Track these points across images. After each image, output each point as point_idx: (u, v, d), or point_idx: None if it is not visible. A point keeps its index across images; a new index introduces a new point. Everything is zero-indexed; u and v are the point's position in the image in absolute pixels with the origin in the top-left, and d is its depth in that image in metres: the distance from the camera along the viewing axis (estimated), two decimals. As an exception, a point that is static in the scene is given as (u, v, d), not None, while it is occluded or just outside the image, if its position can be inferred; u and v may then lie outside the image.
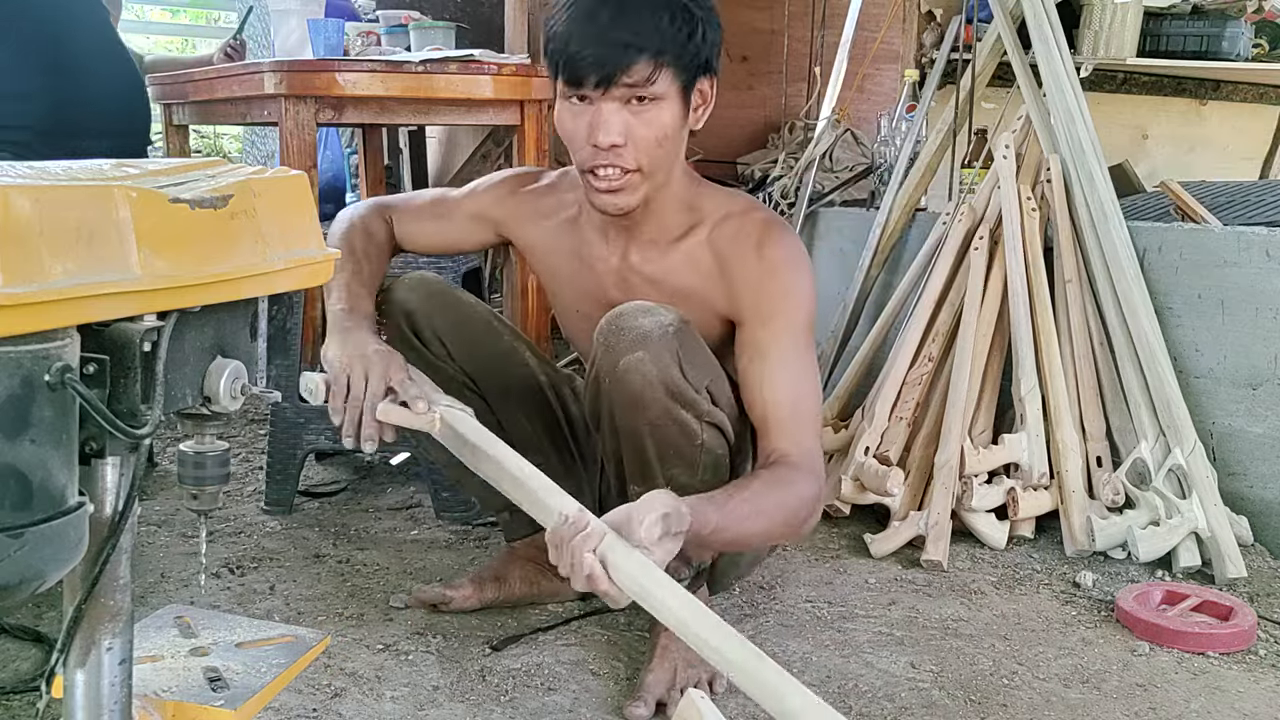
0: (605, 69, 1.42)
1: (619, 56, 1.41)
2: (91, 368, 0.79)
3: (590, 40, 1.42)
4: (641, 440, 1.46)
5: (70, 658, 0.88)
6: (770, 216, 1.60)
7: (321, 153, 3.60)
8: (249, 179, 0.91)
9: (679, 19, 1.43)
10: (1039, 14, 2.49)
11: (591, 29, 1.42)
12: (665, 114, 1.45)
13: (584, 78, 1.43)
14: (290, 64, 2.42)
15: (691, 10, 1.45)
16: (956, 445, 2.18)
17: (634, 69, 1.41)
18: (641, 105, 1.44)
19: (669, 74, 1.43)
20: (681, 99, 1.47)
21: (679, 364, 1.42)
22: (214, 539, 2.10)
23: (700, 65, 1.47)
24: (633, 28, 1.41)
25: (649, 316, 1.44)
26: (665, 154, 1.48)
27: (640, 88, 1.42)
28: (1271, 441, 2.14)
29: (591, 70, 1.42)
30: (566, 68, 1.44)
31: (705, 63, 1.48)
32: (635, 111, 1.44)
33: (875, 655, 1.69)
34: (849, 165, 3.14)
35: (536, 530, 1.84)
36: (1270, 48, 3.60)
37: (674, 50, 1.43)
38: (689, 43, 1.44)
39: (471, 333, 1.72)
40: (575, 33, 1.43)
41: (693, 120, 1.51)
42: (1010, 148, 2.49)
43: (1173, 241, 2.28)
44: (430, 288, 1.71)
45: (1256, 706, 1.56)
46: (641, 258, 1.59)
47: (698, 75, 1.47)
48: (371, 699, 1.51)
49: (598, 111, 1.44)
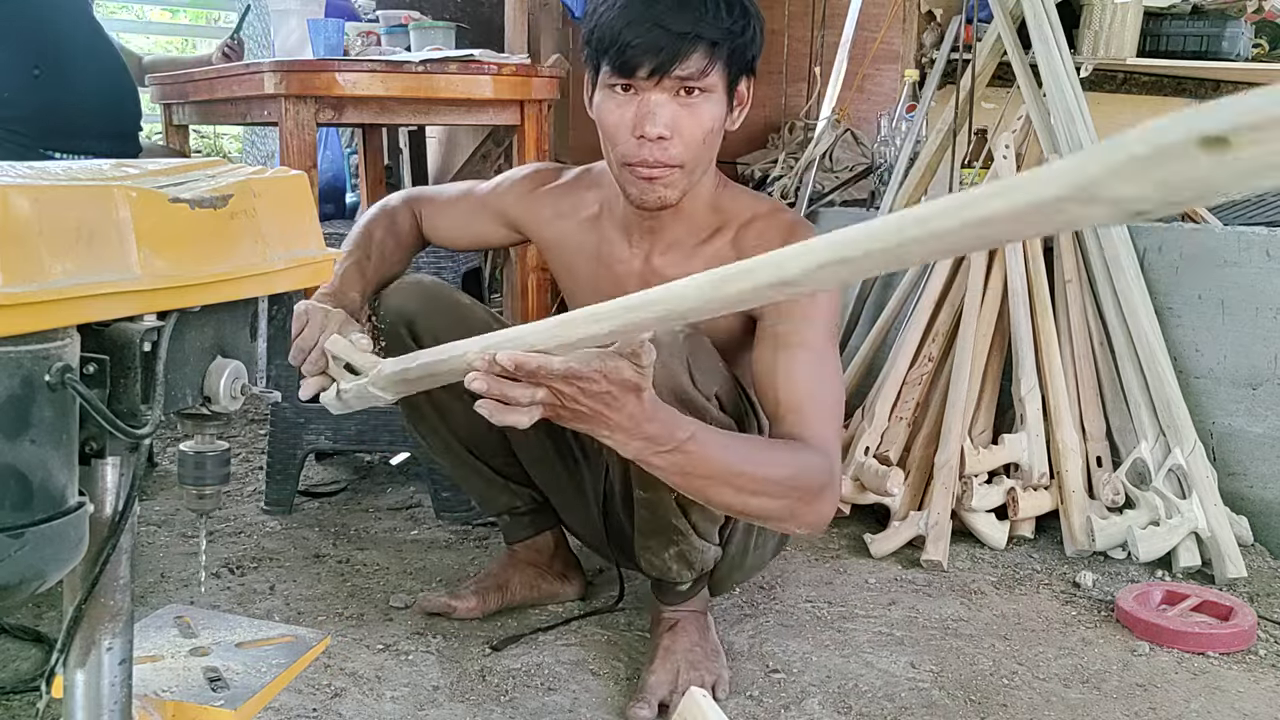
0: (661, 57, 1.39)
1: (677, 45, 1.38)
2: (91, 368, 0.79)
3: (647, 28, 1.39)
4: None
5: (70, 658, 0.87)
6: (796, 219, 1.59)
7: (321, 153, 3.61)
8: (249, 179, 0.91)
9: (736, 12, 1.41)
10: (1039, 14, 2.49)
11: (649, 16, 1.39)
12: (713, 109, 1.44)
13: (637, 66, 1.40)
14: (290, 64, 2.42)
15: (747, 6, 1.44)
16: (956, 445, 2.18)
17: (691, 59, 1.39)
18: (691, 97, 1.42)
19: (720, 68, 1.42)
20: (727, 95, 1.45)
21: (688, 370, 1.40)
22: (214, 539, 2.10)
23: (747, 63, 1.46)
24: (694, 16, 1.39)
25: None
26: (707, 150, 1.47)
27: (694, 79, 1.40)
28: (1271, 441, 2.14)
29: (646, 58, 1.39)
30: (618, 55, 1.41)
31: (751, 61, 1.46)
32: (684, 104, 1.42)
33: (875, 655, 1.69)
34: (849, 165, 3.14)
35: (537, 533, 1.84)
36: (1270, 48, 3.60)
37: (729, 43, 1.41)
38: (741, 37, 1.42)
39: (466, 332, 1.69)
40: (630, 19, 1.40)
41: (730, 121, 1.49)
42: (1010, 148, 2.49)
43: (1173, 241, 2.28)
44: (428, 292, 1.70)
45: (1256, 706, 1.56)
46: (665, 260, 1.56)
47: (743, 73, 1.46)
48: (371, 699, 1.51)
49: (644, 102, 1.42)
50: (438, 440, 1.75)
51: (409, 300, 1.68)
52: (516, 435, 1.70)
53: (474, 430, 1.70)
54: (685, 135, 1.43)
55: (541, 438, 1.74)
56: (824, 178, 3.10)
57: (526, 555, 1.82)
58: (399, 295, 1.69)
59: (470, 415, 1.69)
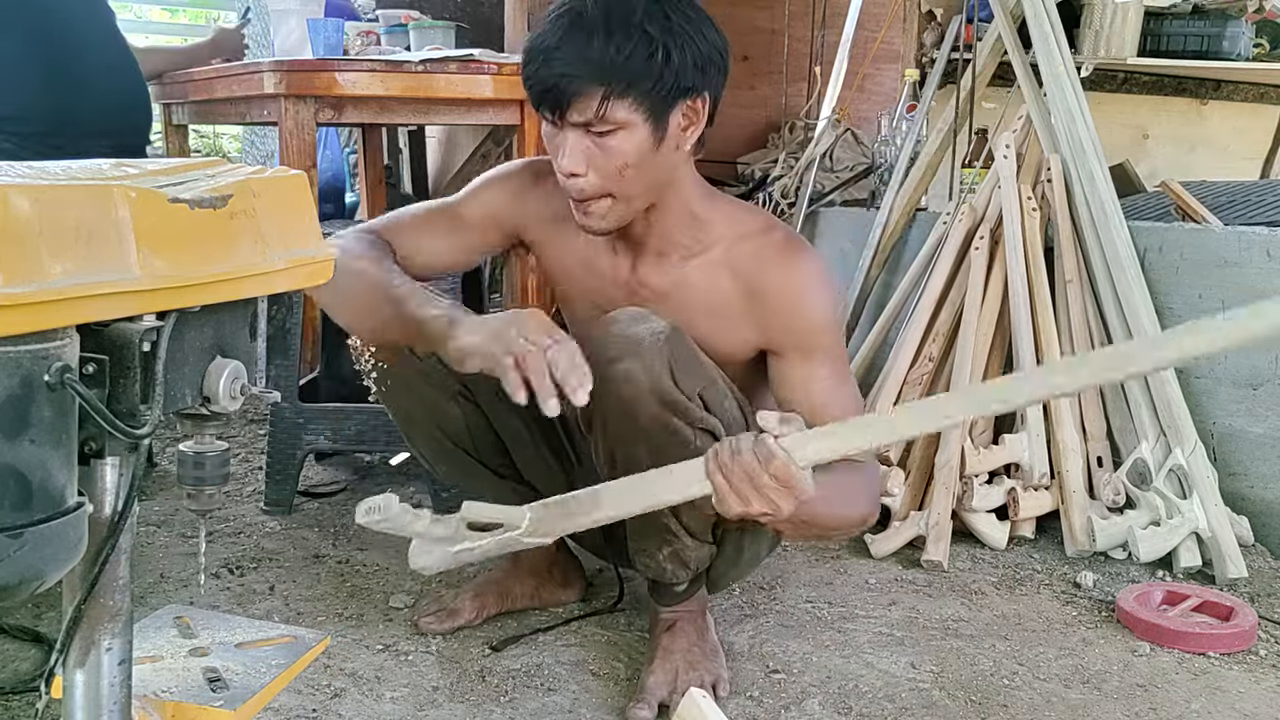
0: (551, 99, 1.37)
1: (565, 88, 1.35)
2: (91, 368, 0.79)
3: (538, 70, 1.37)
4: (634, 448, 1.43)
5: (69, 658, 0.87)
6: (789, 235, 1.55)
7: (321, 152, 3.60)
8: (248, 179, 0.91)
9: (634, 45, 1.34)
10: (1039, 13, 2.49)
11: (540, 58, 1.36)
12: (628, 142, 1.38)
13: (539, 105, 1.39)
14: (290, 64, 2.42)
15: (651, 33, 1.35)
16: (957, 445, 2.18)
17: (580, 103, 1.35)
18: (601, 134, 1.38)
19: (625, 103, 1.36)
20: (651, 124, 1.38)
21: (670, 371, 1.39)
22: (213, 539, 2.09)
23: (671, 89, 1.38)
24: (576, 58, 1.34)
25: (641, 324, 1.40)
26: (636, 180, 1.41)
27: (593, 123, 1.36)
28: (1272, 442, 2.14)
29: (543, 100, 1.38)
30: (528, 93, 1.41)
31: (679, 85, 1.38)
32: (596, 140, 1.38)
33: (876, 655, 1.69)
34: (849, 165, 3.14)
35: None
36: (1271, 47, 3.60)
37: (625, 79, 1.34)
38: (647, 69, 1.35)
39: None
40: (530, 59, 1.39)
41: (681, 140, 1.43)
42: (1011, 147, 2.49)
43: (1173, 241, 2.28)
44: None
45: (1257, 707, 1.56)
46: (650, 271, 1.54)
47: (673, 99, 1.39)
48: (371, 699, 1.51)
49: (561, 137, 1.40)
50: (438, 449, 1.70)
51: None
52: (508, 438, 1.68)
53: (471, 435, 1.68)
54: (600, 170, 1.40)
55: (536, 440, 1.72)
56: (824, 177, 3.10)
57: (529, 564, 1.80)
58: None
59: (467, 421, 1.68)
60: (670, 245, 1.53)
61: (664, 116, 1.39)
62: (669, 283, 1.54)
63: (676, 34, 1.37)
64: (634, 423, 1.41)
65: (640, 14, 1.36)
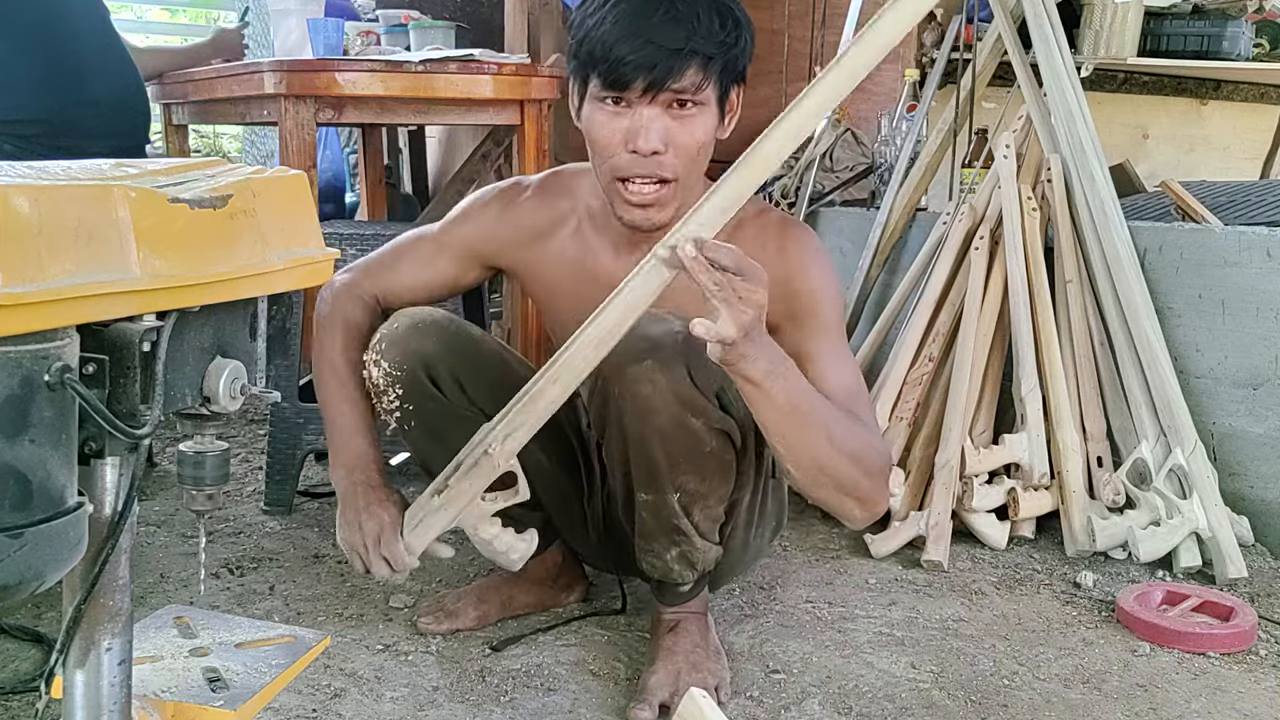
0: (655, 73, 1.36)
1: (671, 61, 1.36)
2: (91, 368, 0.79)
3: (640, 43, 1.36)
4: (650, 448, 1.43)
5: (70, 658, 0.87)
6: (784, 217, 1.58)
7: (321, 152, 3.61)
8: (248, 179, 0.91)
9: (728, 24, 1.39)
10: (1039, 13, 2.49)
11: (642, 30, 1.36)
12: (706, 121, 1.42)
13: (630, 81, 1.38)
14: (290, 64, 2.42)
15: (738, 16, 1.41)
16: (957, 445, 2.18)
17: (685, 74, 1.37)
18: (684, 111, 1.40)
19: (714, 81, 1.40)
20: (719, 107, 1.44)
21: (688, 372, 1.39)
22: (213, 539, 2.10)
23: (739, 73, 1.44)
24: (688, 31, 1.36)
25: (657, 325, 1.40)
26: (700, 163, 1.46)
27: (688, 94, 1.38)
28: (1272, 442, 2.14)
29: (640, 73, 1.37)
30: (610, 70, 1.38)
31: (743, 71, 1.45)
32: (676, 116, 1.40)
33: (875, 655, 1.69)
34: (849, 165, 3.14)
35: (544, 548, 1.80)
36: (1271, 47, 3.60)
37: (722, 56, 1.39)
38: (733, 49, 1.40)
39: (486, 371, 1.62)
40: (622, 34, 1.37)
41: (722, 130, 1.47)
42: (1011, 147, 2.49)
43: (1173, 241, 2.28)
44: (444, 330, 1.59)
45: (1257, 707, 1.56)
46: None
47: (734, 84, 1.45)
48: (371, 699, 1.51)
49: (637, 116, 1.40)
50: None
51: (425, 341, 1.57)
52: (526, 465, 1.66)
53: None
54: (679, 148, 1.42)
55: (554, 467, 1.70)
56: (824, 177, 3.09)
57: (533, 573, 1.79)
58: (417, 337, 1.57)
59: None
60: None
61: (726, 100, 1.45)
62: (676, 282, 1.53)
63: (744, 22, 1.43)
64: (652, 423, 1.41)
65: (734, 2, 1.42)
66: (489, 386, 1.60)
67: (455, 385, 1.58)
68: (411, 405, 1.57)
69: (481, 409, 1.59)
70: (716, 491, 1.49)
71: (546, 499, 1.72)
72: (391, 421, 1.61)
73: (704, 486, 1.47)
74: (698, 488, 1.47)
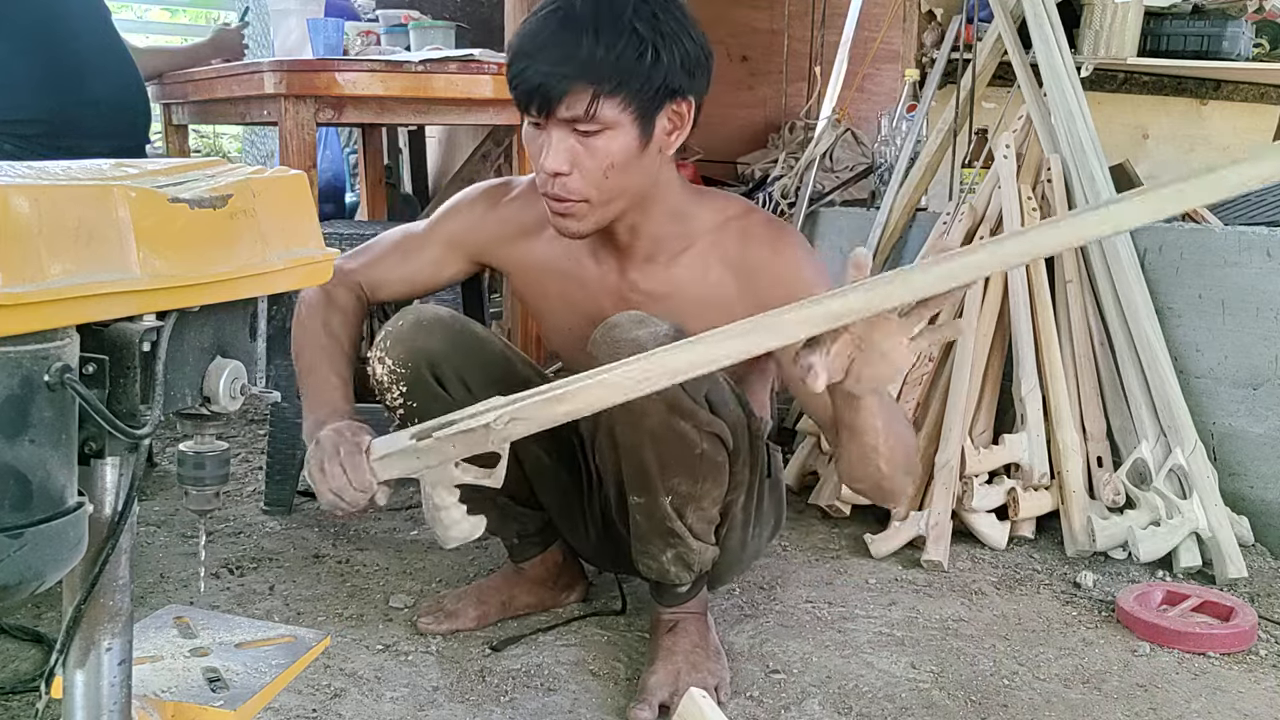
0: (539, 98, 1.35)
1: (553, 86, 1.33)
2: (91, 368, 0.79)
3: (527, 68, 1.35)
4: (641, 452, 1.43)
5: (70, 658, 0.87)
6: (770, 217, 1.58)
7: (321, 152, 3.60)
8: (248, 179, 0.91)
9: (624, 44, 1.33)
10: (1039, 13, 2.49)
11: (529, 55, 1.35)
12: (615, 143, 1.37)
13: (525, 105, 1.38)
14: (290, 64, 2.41)
15: (641, 32, 1.34)
16: (957, 445, 2.18)
17: (569, 100, 1.34)
18: (587, 135, 1.37)
19: (614, 102, 1.35)
20: (638, 125, 1.38)
21: None
22: (213, 539, 2.10)
23: (659, 90, 1.37)
24: (565, 57, 1.32)
25: (643, 327, 1.39)
26: (618, 183, 1.41)
27: (581, 120, 1.35)
28: (1272, 442, 2.14)
29: (529, 98, 1.36)
30: (512, 92, 1.39)
31: (666, 87, 1.37)
32: (582, 140, 1.37)
33: (875, 655, 1.69)
34: (849, 165, 3.14)
35: (544, 549, 1.80)
36: (1271, 47, 3.59)
37: (617, 79, 1.34)
38: (637, 69, 1.34)
39: (490, 369, 1.62)
40: (515, 55, 1.37)
41: (665, 144, 1.42)
42: (1011, 147, 2.49)
43: (1173, 241, 2.28)
44: (449, 328, 1.58)
45: (1257, 707, 1.56)
46: (640, 275, 1.53)
47: (660, 100, 1.38)
48: (371, 699, 1.51)
49: (545, 136, 1.39)
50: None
51: (430, 339, 1.56)
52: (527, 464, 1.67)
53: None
54: (585, 171, 1.39)
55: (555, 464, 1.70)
56: (824, 177, 3.10)
57: (533, 573, 1.79)
58: (422, 335, 1.56)
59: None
60: (658, 247, 1.52)
61: (651, 118, 1.39)
62: (661, 284, 1.53)
63: (665, 34, 1.36)
64: (641, 427, 1.41)
65: (630, 12, 1.35)
66: (493, 385, 1.58)
67: (460, 384, 1.57)
68: (415, 403, 1.57)
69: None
70: (709, 493, 1.49)
71: (547, 499, 1.72)
72: (395, 418, 1.60)
73: (696, 489, 1.47)
74: (690, 490, 1.47)
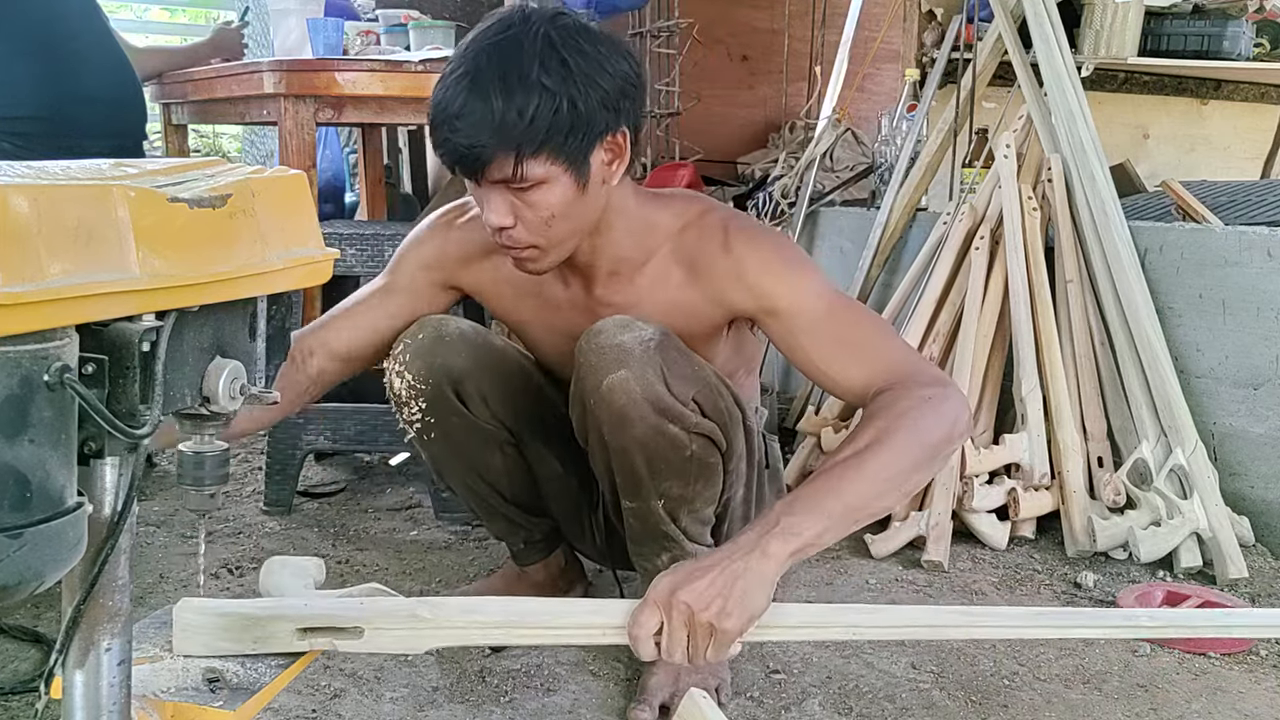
0: (465, 166, 1.32)
1: (476, 155, 1.30)
2: (90, 368, 0.79)
3: (448, 138, 1.31)
4: (631, 457, 1.42)
5: (69, 658, 0.87)
6: (728, 213, 1.51)
7: (321, 152, 3.60)
8: (248, 178, 0.91)
9: (535, 104, 1.28)
10: (1040, 13, 2.49)
11: (445, 124, 1.30)
12: (552, 195, 1.33)
13: (454, 170, 1.35)
14: (289, 63, 2.41)
15: (551, 88, 1.28)
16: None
17: (494, 166, 1.30)
18: (523, 190, 1.32)
19: (540, 160, 1.30)
20: (571, 173, 1.33)
21: (663, 378, 1.37)
22: (213, 539, 2.09)
23: (585, 136, 1.32)
24: (479, 125, 1.28)
25: (628, 332, 1.37)
26: (564, 227, 1.37)
27: (512, 181, 1.31)
28: (1273, 442, 2.13)
29: (456, 165, 1.33)
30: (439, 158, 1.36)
31: (591, 131, 1.32)
32: (519, 195, 1.33)
33: (876, 656, 1.69)
34: (849, 165, 3.14)
35: (549, 553, 1.80)
36: (1271, 47, 3.60)
37: (536, 140, 1.29)
38: (555, 125, 1.29)
39: (510, 384, 1.60)
40: (435, 126, 1.32)
41: (608, 174, 1.37)
42: (1011, 147, 2.49)
43: (1174, 241, 2.28)
44: (471, 343, 1.55)
45: (1257, 707, 1.56)
46: (607, 290, 1.50)
47: (588, 144, 1.33)
48: (371, 699, 1.51)
49: (482, 193, 1.35)
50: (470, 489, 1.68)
51: (451, 355, 1.53)
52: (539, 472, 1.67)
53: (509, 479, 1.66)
54: (527, 222, 1.35)
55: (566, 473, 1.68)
56: (824, 177, 3.10)
57: (536, 576, 1.79)
58: (439, 347, 1.53)
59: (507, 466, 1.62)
60: (621, 263, 1.48)
61: (583, 162, 1.34)
62: (628, 296, 1.50)
63: (578, 80, 1.30)
64: (629, 432, 1.40)
65: (536, 68, 1.28)
66: (512, 399, 1.60)
67: (480, 401, 1.57)
68: (434, 419, 1.56)
69: (503, 422, 1.61)
70: (702, 495, 1.48)
71: (556, 507, 1.72)
72: (410, 431, 1.60)
73: (688, 491, 1.46)
74: (682, 493, 1.46)
